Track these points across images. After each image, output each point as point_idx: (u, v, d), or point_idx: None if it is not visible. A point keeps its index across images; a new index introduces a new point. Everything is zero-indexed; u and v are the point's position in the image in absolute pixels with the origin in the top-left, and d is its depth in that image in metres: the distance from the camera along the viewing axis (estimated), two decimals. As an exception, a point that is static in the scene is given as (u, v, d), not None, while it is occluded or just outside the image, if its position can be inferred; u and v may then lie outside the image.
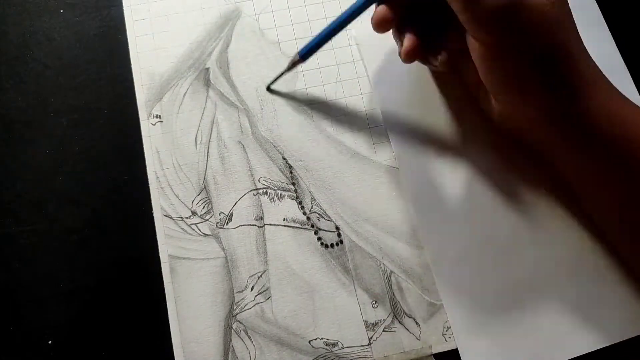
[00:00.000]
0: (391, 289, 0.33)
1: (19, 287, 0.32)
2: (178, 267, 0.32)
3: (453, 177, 0.34)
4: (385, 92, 0.35)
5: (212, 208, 0.33)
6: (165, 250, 0.33)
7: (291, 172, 0.34)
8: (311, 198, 0.34)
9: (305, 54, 0.33)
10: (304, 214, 0.34)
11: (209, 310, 0.32)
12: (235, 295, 0.32)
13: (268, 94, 0.35)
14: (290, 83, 0.36)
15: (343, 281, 0.33)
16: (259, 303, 0.32)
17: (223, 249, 0.33)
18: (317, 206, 0.34)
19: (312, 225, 0.33)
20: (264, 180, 0.34)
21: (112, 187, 0.34)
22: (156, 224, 0.33)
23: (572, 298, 0.32)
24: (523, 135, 0.33)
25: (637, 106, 0.29)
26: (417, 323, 0.32)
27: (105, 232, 0.33)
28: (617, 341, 0.31)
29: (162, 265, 0.32)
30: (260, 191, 0.34)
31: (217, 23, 0.37)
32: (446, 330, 0.32)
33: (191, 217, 0.33)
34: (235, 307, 0.32)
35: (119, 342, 0.32)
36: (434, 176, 0.34)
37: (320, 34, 0.32)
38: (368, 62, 0.36)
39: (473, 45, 0.29)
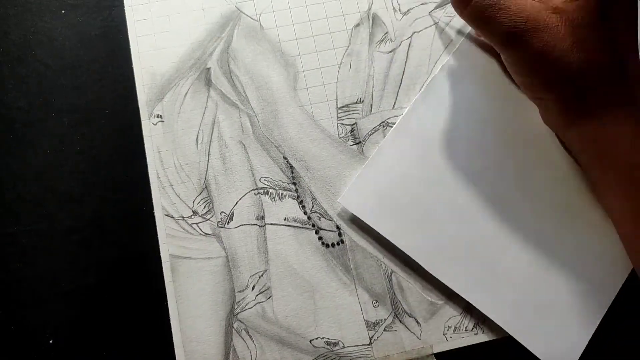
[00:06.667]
0: (392, 288, 0.33)
1: (20, 287, 0.32)
2: (179, 267, 0.32)
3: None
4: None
5: (213, 207, 0.33)
6: (166, 249, 0.33)
7: (292, 172, 0.34)
8: (312, 198, 0.34)
9: None
10: (305, 213, 0.34)
11: (210, 310, 0.32)
12: (236, 294, 0.32)
13: (269, 94, 0.36)
14: (291, 83, 0.36)
15: (344, 280, 0.33)
16: (259, 302, 0.32)
17: (224, 249, 0.33)
18: (318, 206, 0.34)
19: (313, 225, 0.33)
20: (265, 180, 0.34)
21: (113, 186, 0.34)
22: (157, 224, 0.33)
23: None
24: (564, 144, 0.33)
25: None
26: (418, 322, 0.32)
27: (106, 231, 0.33)
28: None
29: (163, 264, 0.32)
30: (261, 191, 0.34)
31: (218, 23, 0.37)
32: (447, 330, 0.32)
33: (192, 217, 0.33)
34: (236, 307, 0.32)
35: (120, 342, 0.32)
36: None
37: None
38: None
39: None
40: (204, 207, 0.33)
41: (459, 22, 0.36)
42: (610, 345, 0.32)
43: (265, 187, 0.34)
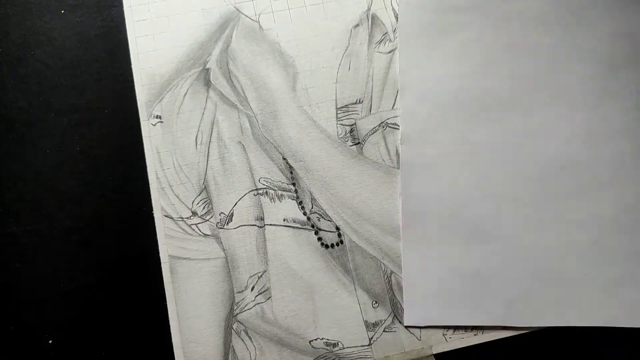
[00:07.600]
0: (392, 289, 0.33)
1: (19, 287, 0.32)
2: (178, 267, 0.32)
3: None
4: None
5: (212, 208, 0.33)
6: (165, 250, 0.33)
7: (291, 173, 0.34)
8: (311, 198, 0.34)
9: None
10: (304, 214, 0.34)
11: (209, 311, 0.32)
12: (235, 295, 0.32)
13: (268, 95, 0.35)
14: (290, 83, 0.36)
15: (343, 281, 0.33)
16: (259, 303, 0.32)
17: (223, 249, 0.33)
18: (317, 206, 0.34)
19: (313, 226, 0.33)
20: (264, 181, 0.34)
21: (112, 187, 0.34)
22: (156, 224, 0.33)
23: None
24: None
25: None
26: (417, 323, 0.32)
27: (106, 232, 0.33)
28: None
29: (163, 265, 0.32)
30: (261, 191, 0.34)
31: (218, 24, 0.37)
32: (447, 331, 0.32)
33: (191, 218, 0.33)
34: (235, 307, 0.32)
35: (119, 342, 0.32)
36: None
37: None
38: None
39: None
40: (203, 208, 0.33)
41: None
42: None
43: (265, 188, 0.34)
